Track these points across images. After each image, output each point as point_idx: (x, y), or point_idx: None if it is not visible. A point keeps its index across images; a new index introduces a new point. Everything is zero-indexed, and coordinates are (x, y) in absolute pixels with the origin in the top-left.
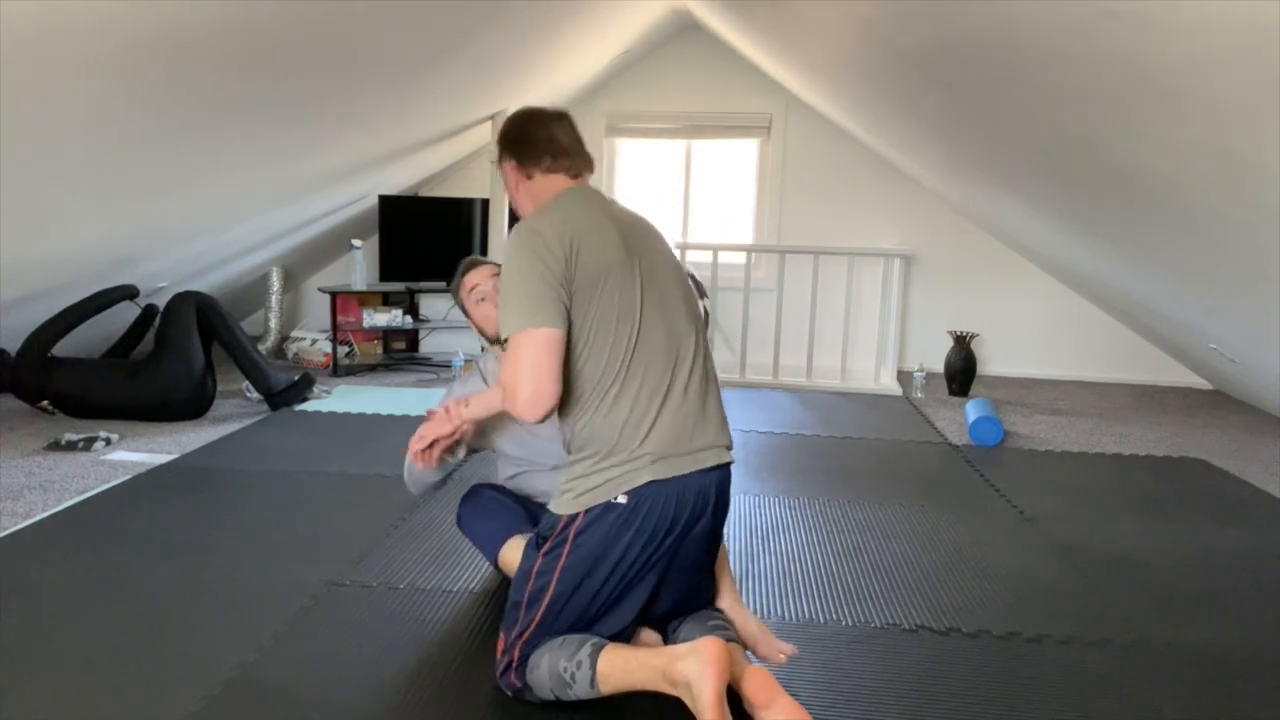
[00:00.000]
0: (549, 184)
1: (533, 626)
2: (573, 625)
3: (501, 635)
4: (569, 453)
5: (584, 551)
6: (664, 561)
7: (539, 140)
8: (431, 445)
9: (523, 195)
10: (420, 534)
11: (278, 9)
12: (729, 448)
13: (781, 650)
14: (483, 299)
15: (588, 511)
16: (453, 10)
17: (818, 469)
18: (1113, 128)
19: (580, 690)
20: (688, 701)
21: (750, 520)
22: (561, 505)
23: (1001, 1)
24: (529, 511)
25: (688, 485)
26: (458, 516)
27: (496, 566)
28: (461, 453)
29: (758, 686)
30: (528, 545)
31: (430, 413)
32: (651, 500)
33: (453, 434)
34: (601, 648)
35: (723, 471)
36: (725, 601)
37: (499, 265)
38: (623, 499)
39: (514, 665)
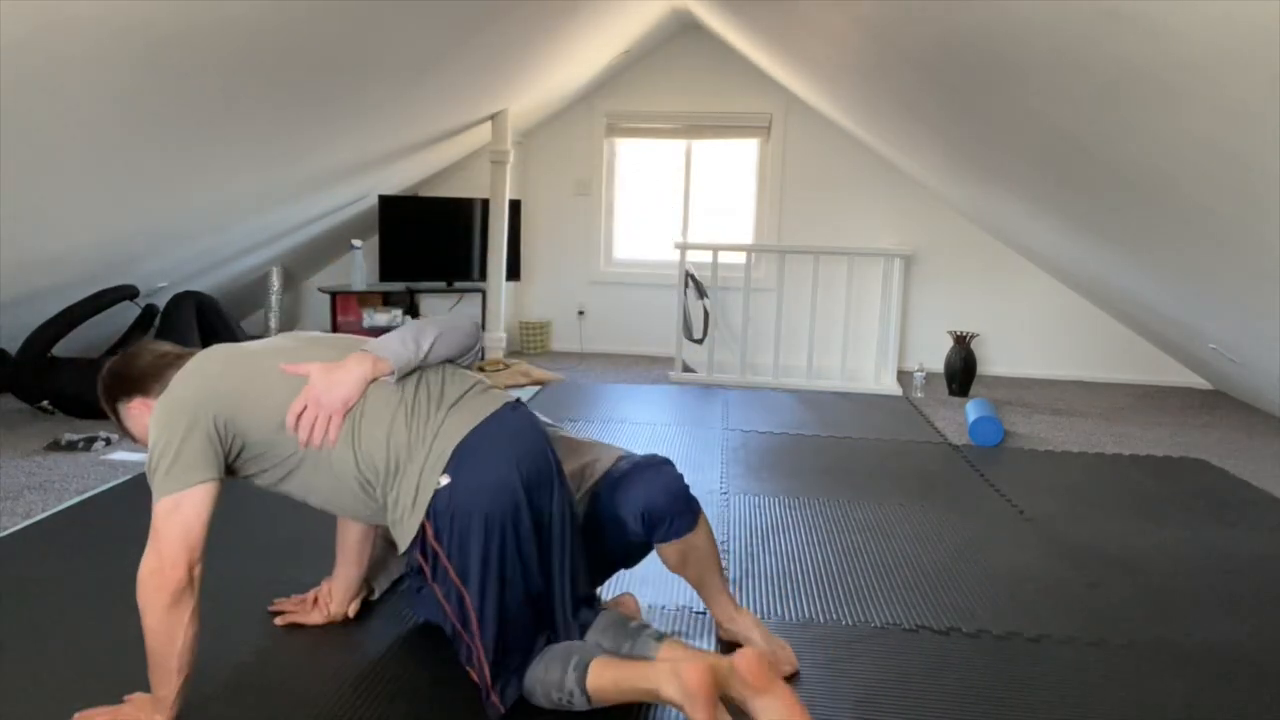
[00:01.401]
0: None
1: (492, 642)
2: (523, 611)
3: (471, 671)
4: (383, 501)
5: (457, 542)
6: (531, 509)
7: (150, 365)
8: None
9: None
10: None
11: (278, 9)
12: (499, 390)
13: (788, 661)
14: None
15: (428, 515)
16: (453, 10)
17: (818, 469)
18: (1113, 128)
19: (580, 708)
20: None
21: (750, 520)
22: (404, 534)
23: (1001, 1)
24: None
25: (492, 428)
26: (417, 611)
27: None
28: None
29: (750, 666)
30: (410, 590)
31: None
32: (468, 459)
33: None
34: (586, 667)
35: (518, 408)
36: (724, 613)
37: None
38: (444, 479)
39: (505, 687)
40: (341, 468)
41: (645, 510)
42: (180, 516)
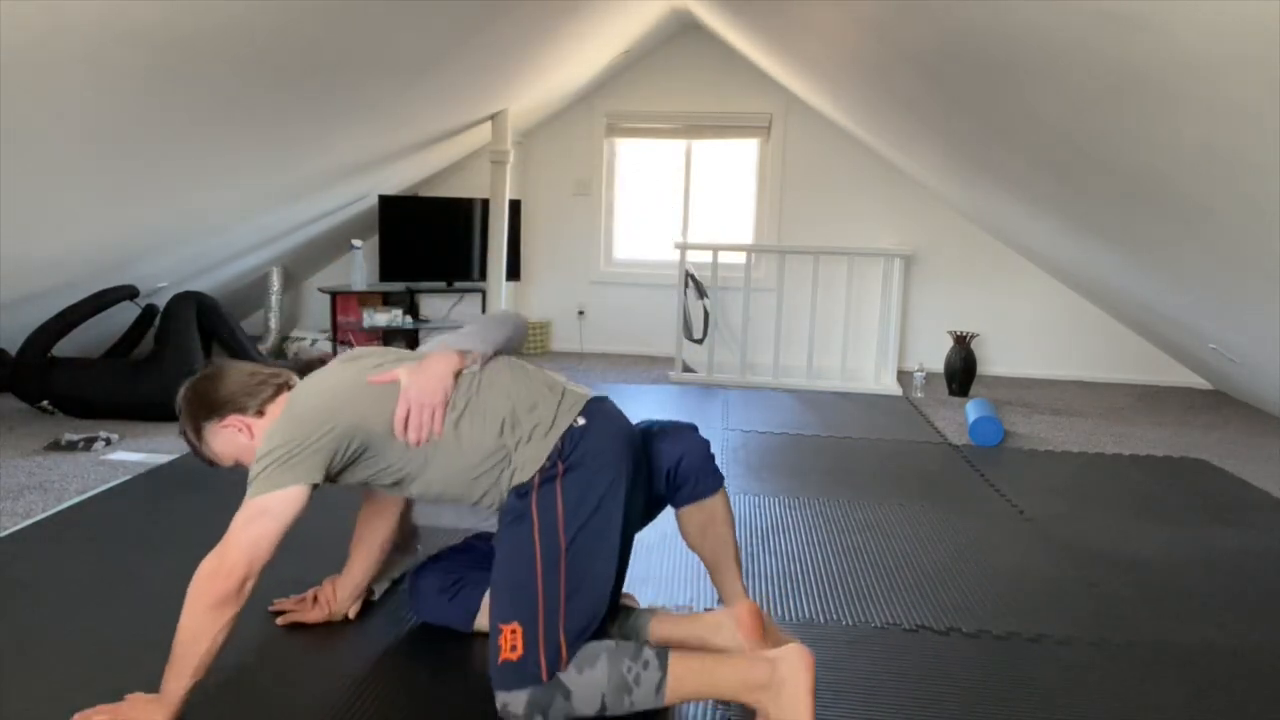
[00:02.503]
0: (280, 405)
1: (561, 598)
2: (596, 583)
3: (510, 629)
4: (514, 442)
5: (579, 475)
6: (633, 488)
7: (242, 385)
8: None
9: (261, 433)
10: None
11: (278, 9)
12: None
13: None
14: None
15: (562, 439)
16: (453, 10)
17: (818, 469)
18: (1112, 128)
19: (640, 697)
20: (761, 705)
21: (750, 520)
22: (534, 455)
23: (1001, 2)
24: (489, 561)
25: (608, 407)
26: (416, 613)
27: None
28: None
29: (746, 617)
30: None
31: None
32: (598, 415)
33: None
34: (666, 653)
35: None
36: (733, 600)
37: None
38: (580, 420)
39: (559, 654)
40: (470, 439)
41: (677, 462)
42: (257, 528)
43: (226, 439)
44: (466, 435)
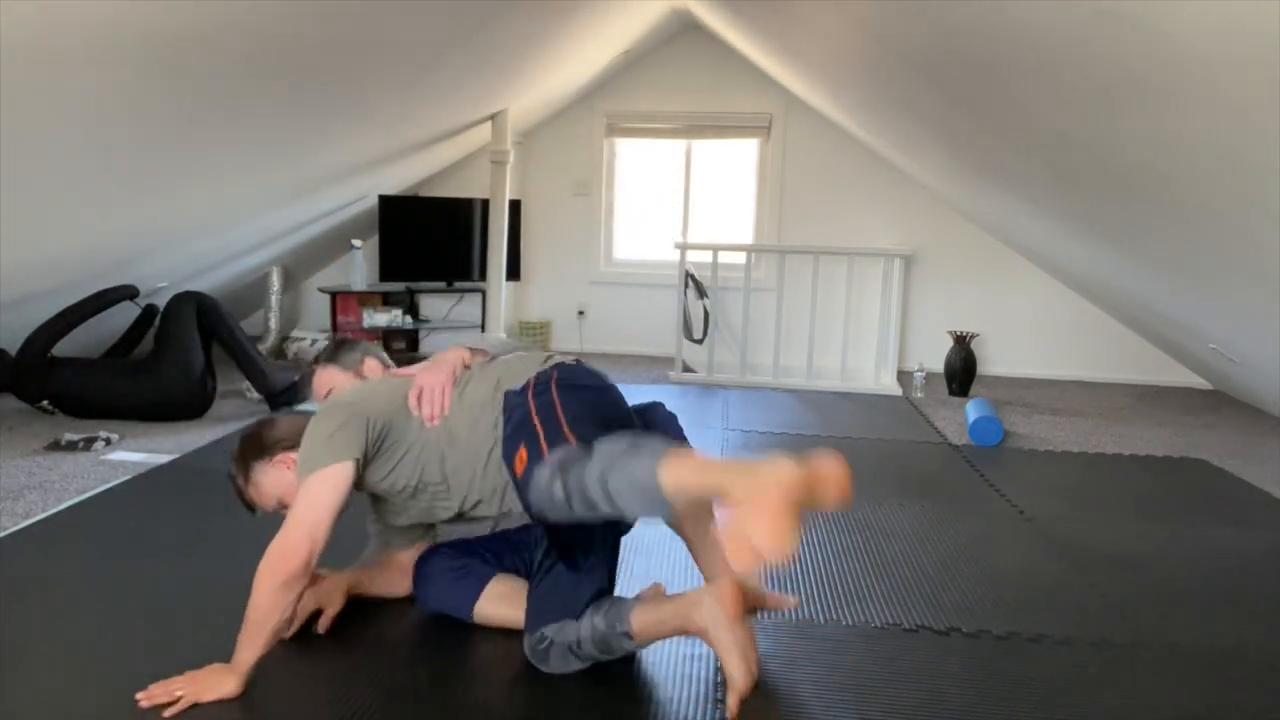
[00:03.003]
0: None
1: (563, 425)
2: (592, 421)
3: (518, 455)
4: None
5: (572, 380)
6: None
7: (292, 427)
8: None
9: None
10: None
11: (279, 9)
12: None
13: (786, 600)
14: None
15: (554, 367)
16: (453, 10)
17: None
18: (1111, 128)
19: (639, 463)
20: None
21: None
22: (527, 369)
23: (1000, 2)
24: (494, 556)
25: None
26: (419, 599)
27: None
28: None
29: (728, 593)
30: (505, 419)
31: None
32: (587, 365)
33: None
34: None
35: None
36: (713, 572)
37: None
38: (570, 360)
39: (568, 445)
40: (471, 397)
41: (644, 425)
42: (313, 510)
43: (275, 477)
44: (470, 396)
